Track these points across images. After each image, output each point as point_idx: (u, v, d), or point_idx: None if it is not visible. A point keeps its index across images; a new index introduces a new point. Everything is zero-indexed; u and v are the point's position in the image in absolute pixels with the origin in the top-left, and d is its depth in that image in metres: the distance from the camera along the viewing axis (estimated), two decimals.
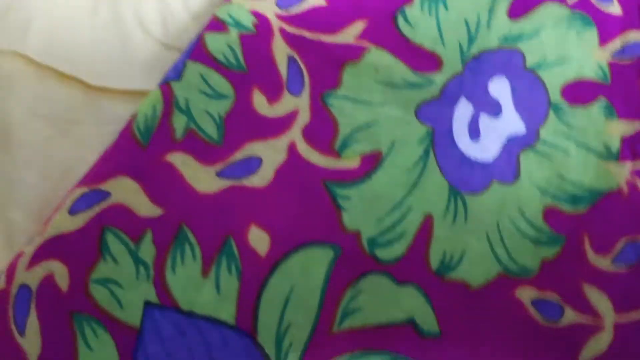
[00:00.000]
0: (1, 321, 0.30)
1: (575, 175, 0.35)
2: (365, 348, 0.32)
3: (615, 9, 0.40)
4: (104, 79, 0.39)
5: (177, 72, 0.35)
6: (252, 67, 0.35)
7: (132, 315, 0.30)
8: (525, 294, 0.32)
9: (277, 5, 0.37)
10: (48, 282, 0.30)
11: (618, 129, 0.35)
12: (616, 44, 0.39)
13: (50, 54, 0.40)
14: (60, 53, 0.40)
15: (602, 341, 0.31)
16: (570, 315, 0.31)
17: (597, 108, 0.36)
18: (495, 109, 0.37)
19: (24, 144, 0.38)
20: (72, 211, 0.32)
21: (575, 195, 0.34)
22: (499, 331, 0.32)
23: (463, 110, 0.37)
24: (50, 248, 0.31)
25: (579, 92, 0.37)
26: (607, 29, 0.39)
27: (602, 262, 0.33)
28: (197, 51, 0.35)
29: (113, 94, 0.39)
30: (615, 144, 0.35)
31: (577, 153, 0.35)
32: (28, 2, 0.41)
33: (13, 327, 0.30)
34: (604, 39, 0.39)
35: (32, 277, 0.31)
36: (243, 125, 0.35)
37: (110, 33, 0.41)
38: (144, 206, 0.32)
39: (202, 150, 0.33)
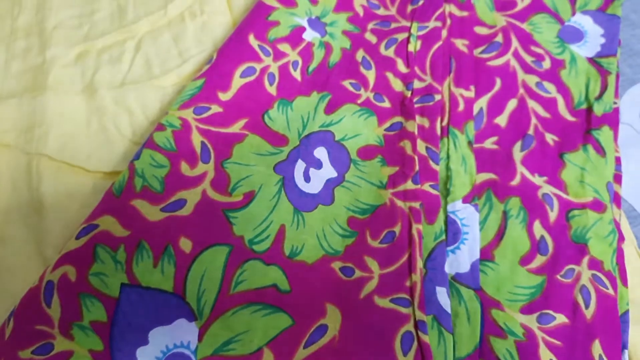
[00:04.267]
0: (36, 301, 0.34)
1: (364, 198, 0.41)
2: (249, 302, 0.36)
3: (386, 104, 0.45)
4: (97, 165, 0.43)
5: (138, 155, 0.40)
6: (180, 148, 0.40)
7: (113, 291, 0.35)
8: (336, 265, 0.38)
9: (194, 113, 0.42)
10: (64, 277, 0.35)
11: (387, 171, 0.42)
12: (387, 124, 0.44)
13: (63, 152, 0.43)
14: (68, 151, 0.44)
15: (373, 283, 0.37)
16: (358, 273, 0.37)
17: (376, 161, 0.43)
18: (318, 165, 0.42)
19: (53, 208, 0.41)
20: (77, 237, 0.36)
21: (364, 209, 0.40)
22: (322, 285, 0.37)
23: (300, 166, 0.42)
24: (65, 259, 0.35)
25: (367, 153, 0.43)
26: (381, 116, 0.45)
27: (375, 244, 0.38)
28: (149, 142, 0.41)
29: (103, 174, 0.43)
30: (385, 180, 0.41)
31: (365, 186, 0.41)
32: (46, 121, 0.44)
33: (43, 304, 0.34)
34: (380, 122, 0.44)
35: (54, 276, 0.35)
36: (175, 182, 0.39)
37: (98, 137, 0.44)
38: (118, 230, 0.37)
39: (152, 197, 0.38)
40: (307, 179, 0.41)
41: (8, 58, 0.48)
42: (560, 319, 0.37)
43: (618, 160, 0.44)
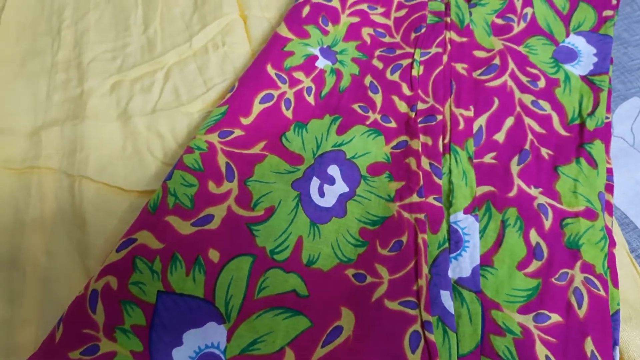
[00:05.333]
0: (82, 308, 0.37)
1: (374, 210, 0.44)
2: (271, 306, 0.38)
3: (393, 125, 0.48)
4: (132, 185, 0.47)
5: (170, 176, 0.43)
6: (207, 169, 0.43)
7: (151, 298, 0.37)
8: (350, 272, 0.41)
9: (219, 136, 0.45)
10: (107, 286, 0.38)
11: (394, 186, 0.45)
12: (394, 143, 0.47)
13: (101, 174, 0.47)
14: (106, 173, 0.47)
15: (383, 288, 0.39)
16: (369, 279, 0.40)
17: (384, 176, 0.46)
18: (331, 181, 0.45)
19: (94, 224, 0.44)
20: (118, 250, 0.39)
21: (374, 220, 0.43)
22: (337, 290, 0.40)
23: (314, 183, 0.44)
24: (107, 270, 0.38)
25: (375, 169, 0.46)
26: (388, 135, 0.48)
27: (384, 252, 0.41)
28: (180, 164, 0.44)
29: (138, 193, 0.47)
30: (392, 193, 0.44)
31: (375, 199, 0.44)
32: (86, 146, 0.48)
33: (89, 310, 0.37)
34: (387, 141, 0.47)
35: (98, 285, 0.38)
36: (203, 199, 0.42)
37: (133, 159, 0.48)
38: (154, 244, 0.39)
39: (183, 213, 0.41)
40: (321, 194, 0.44)
41: (50, 89, 0.52)
42: (555, 318, 0.39)
43: (610, 171, 0.47)
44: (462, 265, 0.41)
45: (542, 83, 0.52)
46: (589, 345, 0.38)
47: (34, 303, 0.41)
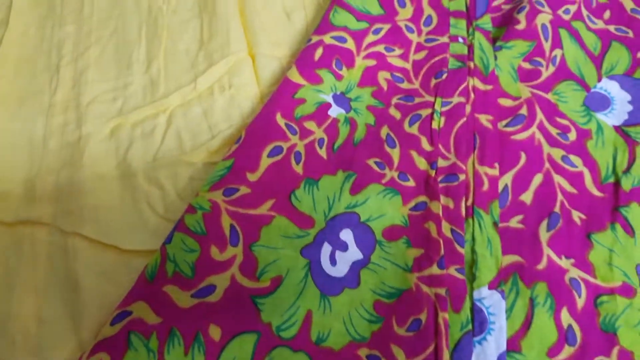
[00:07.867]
0: None
1: (390, 281, 0.41)
2: None
3: (411, 184, 0.45)
4: (130, 243, 0.44)
5: (169, 238, 0.41)
6: (210, 232, 0.41)
7: None
8: (363, 352, 0.38)
9: (223, 194, 0.43)
10: None
11: (412, 253, 0.41)
12: (412, 203, 0.44)
13: (97, 231, 0.44)
14: (102, 229, 0.44)
15: None
16: None
17: (401, 242, 0.42)
18: (344, 247, 0.42)
19: (88, 288, 0.41)
20: (112, 323, 0.37)
21: (390, 292, 0.40)
22: None
23: (326, 249, 0.42)
24: (101, 346, 0.36)
25: (392, 233, 0.43)
26: (406, 195, 0.44)
27: (401, 331, 0.38)
28: (180, 225, 0.41)
29: (136, 253, 0.43)
30: (410, 262, 0.41)
31: (391, 268, 0.41)
32: (81, 199, 0.45)
33: None
34: (405, 201, 0.44)
35: None
36: (205, 267, 0.40)
37: (131, 214, 0.45)
38: (151, 317, 0.37)
39: (182, 282, 0.39)
40: (333, 262, 0.41)
41: (47, 134, 0.49)
42: None
43: None
44: (487, 352, 0.38)
45: (572, 135, 0.48)
46: None
47: None
